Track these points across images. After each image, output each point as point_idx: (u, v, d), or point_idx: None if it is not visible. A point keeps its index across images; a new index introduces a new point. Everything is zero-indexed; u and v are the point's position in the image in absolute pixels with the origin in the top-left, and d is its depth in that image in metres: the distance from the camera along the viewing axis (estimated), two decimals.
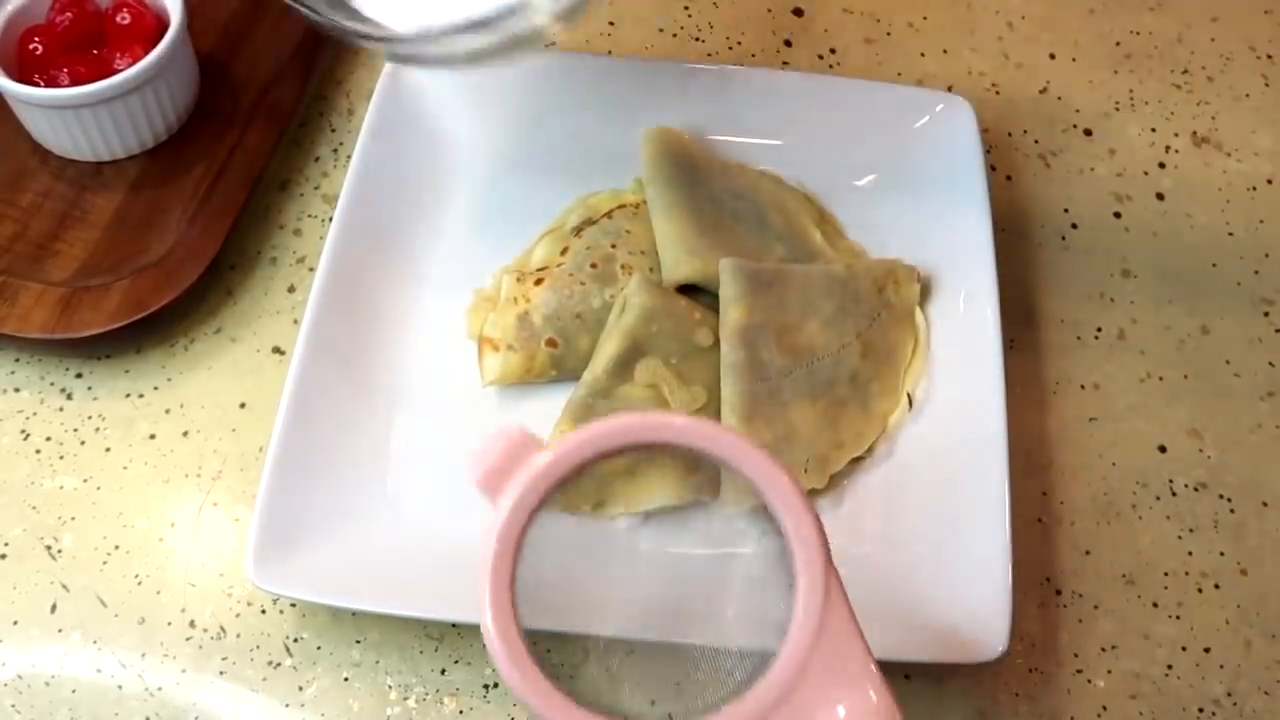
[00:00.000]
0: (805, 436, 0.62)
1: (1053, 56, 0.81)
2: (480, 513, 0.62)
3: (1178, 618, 0.61)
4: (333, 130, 0.78)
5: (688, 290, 0.66)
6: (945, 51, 0.81)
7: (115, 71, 0.70)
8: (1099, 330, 0.70)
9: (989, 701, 0.59)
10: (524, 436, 0.44)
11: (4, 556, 0.62)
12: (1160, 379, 0.68)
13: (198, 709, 0.58)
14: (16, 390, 0.68)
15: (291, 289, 0.71)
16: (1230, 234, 0.74)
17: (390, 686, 0.59)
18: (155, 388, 0.68)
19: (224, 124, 0.75)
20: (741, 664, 0.44)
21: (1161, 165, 0.77)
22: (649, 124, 0.72)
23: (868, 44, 0.81)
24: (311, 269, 0.71)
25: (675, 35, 0.82)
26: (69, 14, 0.73)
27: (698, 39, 0.82)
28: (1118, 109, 0.79)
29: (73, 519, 0.63)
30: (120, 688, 0.59)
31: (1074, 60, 0.81)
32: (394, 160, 0.71)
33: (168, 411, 0.67)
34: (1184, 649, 0.60)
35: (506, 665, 0.42)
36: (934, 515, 0.61)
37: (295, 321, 0.69)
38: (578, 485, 0.48)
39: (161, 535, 0.63)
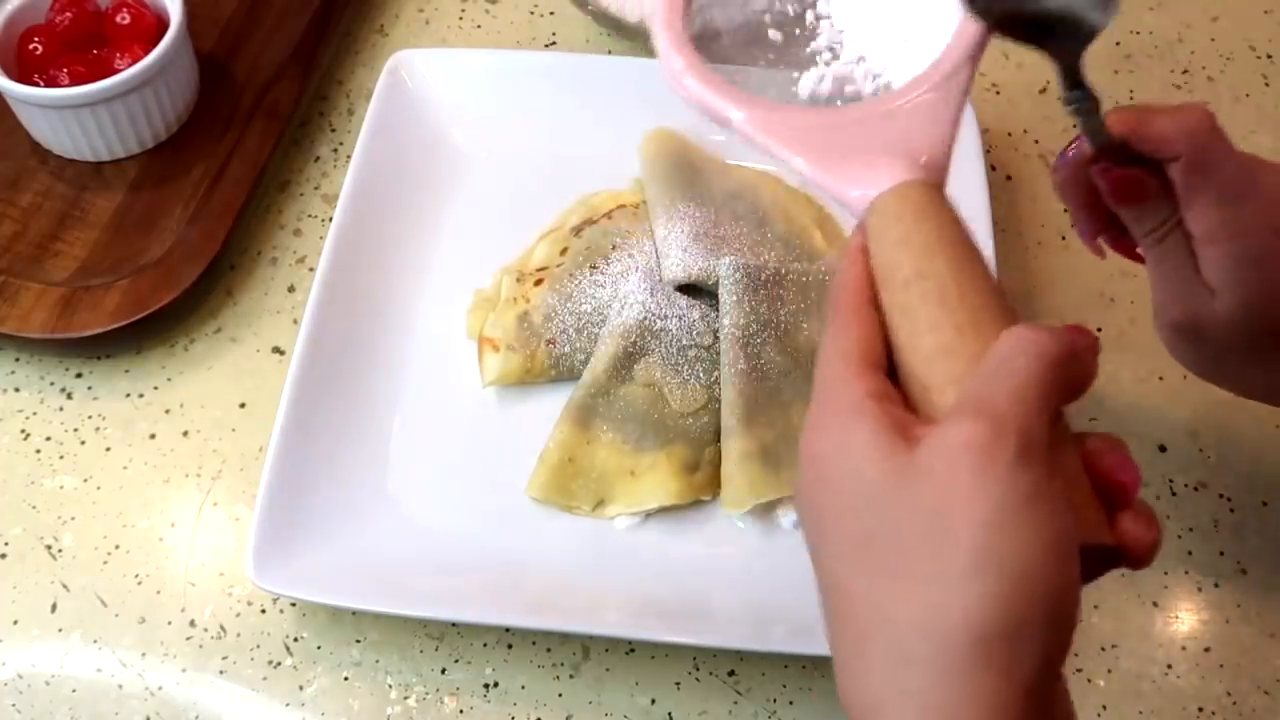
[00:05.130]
0: None
1: None
2: (479, 515, 0.62)
3: (1178, 617, 0.61)
4: (333, 130, 0.78)
5: (688, 290, 0.66)
6: None
7: (115, 71, 0.70)
8: (1099, 330, 0.70)
9: None
10: None
11: (4, 556, 0.62)
12: (1160, 379, 0.68)
13: (198, 709, 0.58)
14: (16, 390, 0.68)
15: (291, 289, 0.71)
16: None
17: (390, 686, 0.59)
18: (155, 388, 0.68)
19: (224, 124, 0.75)
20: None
21: None
22: (649, 124, 0.72)
23: None
24: (311, 269, 0.71)
25: None
26: (69, 14, 0.73)
27: None
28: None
29: (73, 519, 0.63)
30: (120, 687, 0.59)
31: None
32: (394, 160, 0.71)
33: (168, 411, 0.67)
34: (1184, 649, 0.60)
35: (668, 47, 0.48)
36: None
37: (295, 321, 0.69)
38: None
39: (161, 535, 0.63)
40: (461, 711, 0.58)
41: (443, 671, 0.59)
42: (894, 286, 0.41)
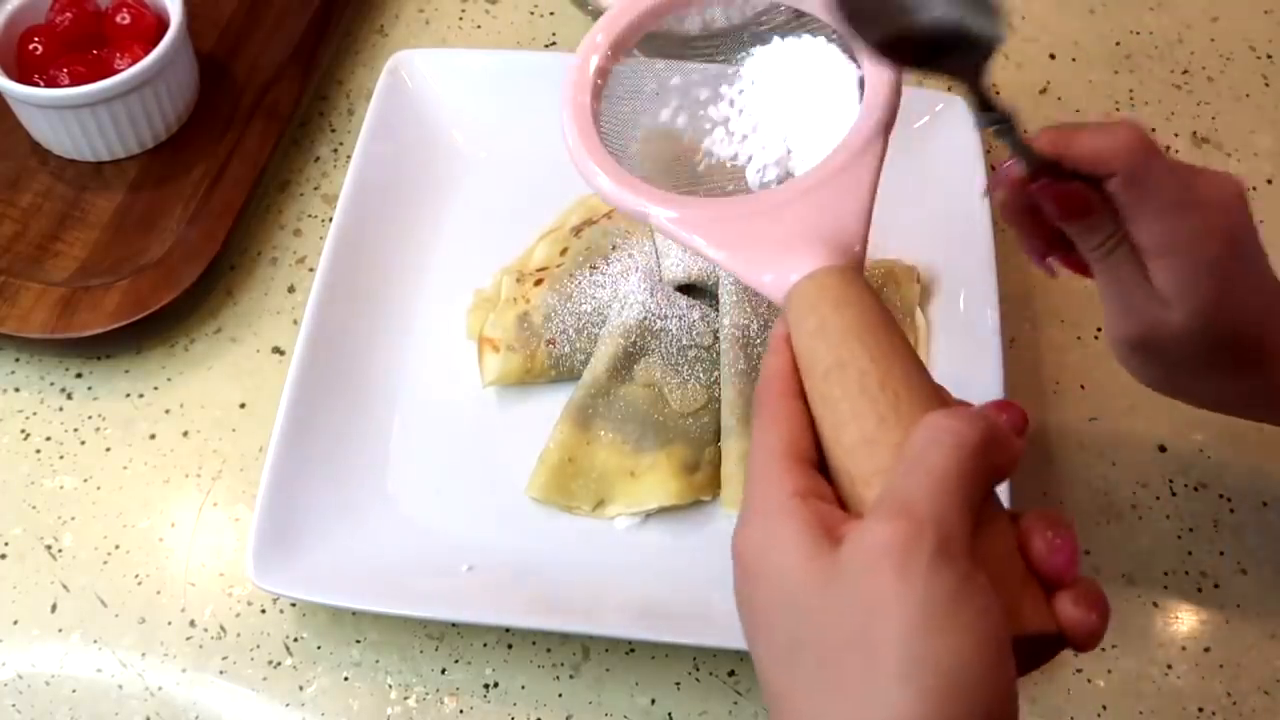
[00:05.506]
0: None
1: (1053, 56, 0.81)
2: (479, 515, 0.62)
3: (1178, 617, 0.61)
4: (333, 130, 0.78)
5: (688, 290, 0.66)
6: None
7: (115, 71, 0.70)
8: (1099, 330, 0.70)
9: None
10: None
11: (4, 556, 0.62)
12: None
13: (198, 709, 0.58)
14: (16, 390, 0.68)
15: (291, 289, 0.71)
16: None
17: (390, 686, 0.59)
18: (155, 388, 0.68)
19: (224, 124, 0.75)
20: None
21: None
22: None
23: None
24: (311, 269, 0.71)
25: None
26: (69, 14, 0.73)
27: None
28: (1118, 109, 0.79)
29: (73, 519, 0.63)
30: (120, 688, 0.59)
31: (1074, 60, 0.81)
32: (394, 160, 0.71)
33: (168, 411, 0.67)
34: (1184, 649, 0.60)
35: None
36: None
37: (295, 321, 0.69)
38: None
39: (161, 535, 0.63)
40: (461, 711, 0.58)
41: (443, 671, 0.59)
42: (815, 377, 0.40)
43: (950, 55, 0.44)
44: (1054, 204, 0.48)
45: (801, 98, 0.51)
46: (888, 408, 0.38)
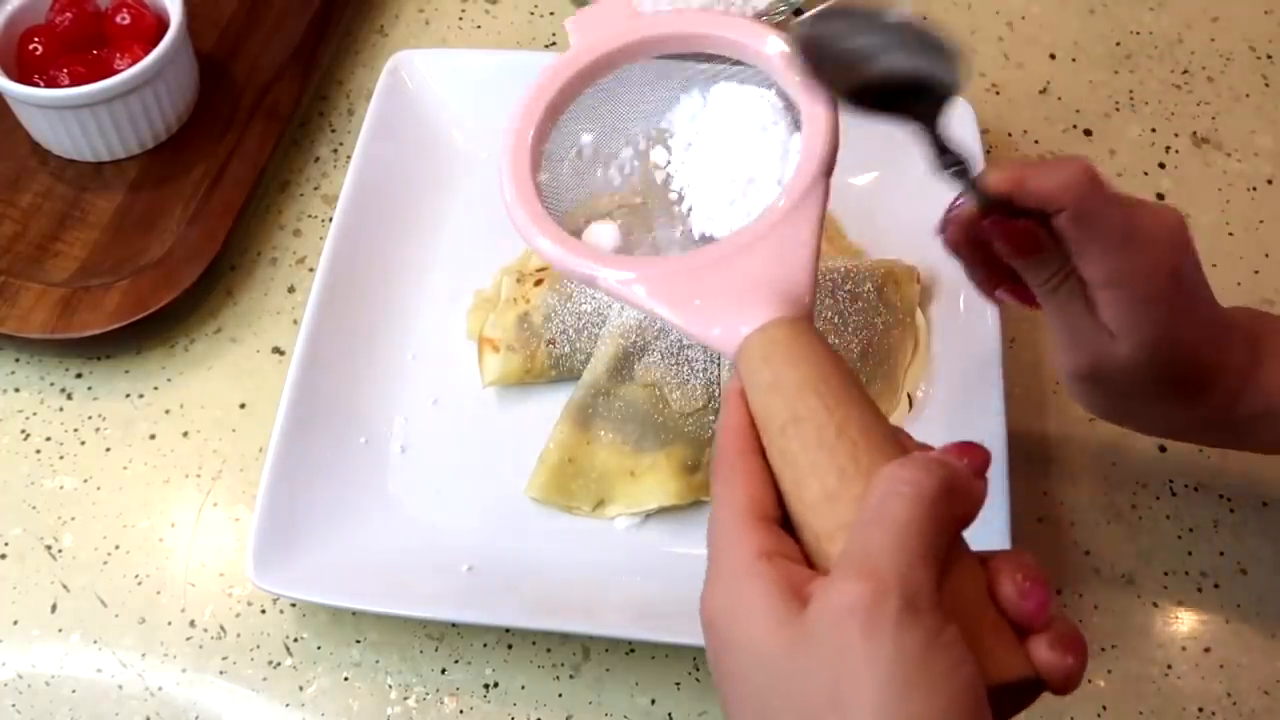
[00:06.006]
0: None
1: (1053, 56, 0.81)
2: (479, 515, 0.62)
3: (1178, 618, 0.61)
4: (333, 130, 0.78)
5: None
6: None
7: (115, 71, 0.70)
8: None
9: None
10: (627, 3, 0.52)
11: (4, 556, 0.62)
12: None
13: (198, 709, 0.58)
14: (16, 390, 0.68)
15: (291, 289, 0.71)
16: (1230, 234, 0.74)
17: (390, 686, 0.59)
18: (155, 388, 0.68)
19: (224, 124, 0.75)
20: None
21: (1161, 165, 0.76)
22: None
23: None
24: (311, 269, 0.71)
25: None
26: (69, 14, 0.73)
27: None
28: (1118, 109, 0.79)
29: (73, 519, 0.63)
30: (120, 688, 0.59)
31: (1074, 60, 0.81)
32: (394, 160, 0.71)
33: (168, 411, 0.67)
34: (1184, 649, 0.60)
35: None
36: None
37: (295, 321, 0.69)
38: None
39: (161, 535, 0.63)
40: (461, 711, 0.58)
41: (443, 671, 0.59)
42: (772, 432, 0.40)
43: (909, 102, 0.45)
44: (1005, 241, 0.48)
45: (740, 146, 0.51)
46: (847, 460, 0.38)
